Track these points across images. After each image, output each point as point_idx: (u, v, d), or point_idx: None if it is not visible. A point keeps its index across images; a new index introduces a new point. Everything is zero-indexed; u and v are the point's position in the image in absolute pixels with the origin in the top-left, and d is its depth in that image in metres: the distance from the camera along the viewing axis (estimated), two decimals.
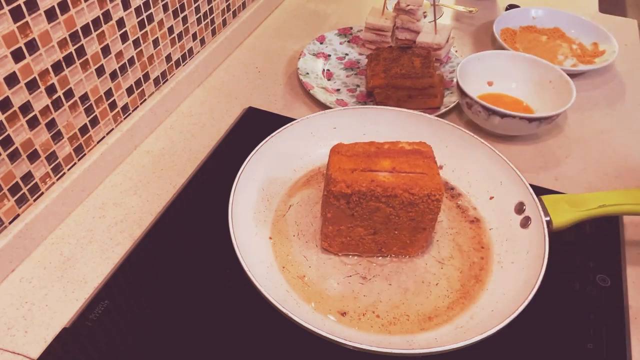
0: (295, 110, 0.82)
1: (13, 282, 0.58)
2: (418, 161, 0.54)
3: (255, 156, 0.62)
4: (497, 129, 0.74)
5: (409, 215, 0.53)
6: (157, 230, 0.63)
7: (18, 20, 0.51)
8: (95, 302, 0.55)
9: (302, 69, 0.86)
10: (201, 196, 0.67)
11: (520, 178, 0.60)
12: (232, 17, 0.92)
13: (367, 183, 0.51)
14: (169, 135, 0.77)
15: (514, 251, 0.56)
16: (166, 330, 0.54)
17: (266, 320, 0.52)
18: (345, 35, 0.95)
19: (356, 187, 0.51)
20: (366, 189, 0.51)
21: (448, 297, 0.54)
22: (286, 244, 0.59)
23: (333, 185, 0.51)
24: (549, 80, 0.78)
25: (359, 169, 0.52)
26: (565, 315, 0.55)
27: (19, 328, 0.54)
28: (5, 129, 0.54)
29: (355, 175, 0.52)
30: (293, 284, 0.55)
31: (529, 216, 0.57)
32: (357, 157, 0.54)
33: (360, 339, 0.49)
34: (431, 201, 0.52)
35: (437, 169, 0.54)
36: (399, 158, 0.54)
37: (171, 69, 0.79)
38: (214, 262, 0.60)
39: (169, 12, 0.74)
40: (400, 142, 0.57)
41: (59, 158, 0.62)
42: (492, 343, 0.47)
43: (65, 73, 0.59)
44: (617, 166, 0.74)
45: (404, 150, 0.55)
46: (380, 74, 0.78)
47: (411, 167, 0.53)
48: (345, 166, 0.52)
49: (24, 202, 0.59)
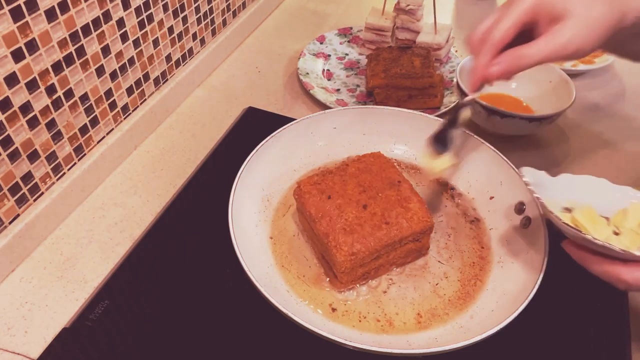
0: (295, 110, 0.82)
1: (13, 282, 0.58)
2: (386, 191, 0.56)
3: (255, 156, 0.62)
4: (497, 129, 0.74)
5: (408, 247, 0.55)
6: (157, 230, 0.63)
7: (18, 20, 0.51)
8: (95, 302, 0.55)
9: (302, 69, 0.86)
10: (201, 196, 0.67)
11: (520, 178, 0.60)
12: (232, 17, 0.92)
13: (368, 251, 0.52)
14: (169, 135, 0.77)
15: (514, 251, 0.56)
16: (166, 330, 0.54)
17: (266, 320, 0.52)
18: (345, 35, 0.95)
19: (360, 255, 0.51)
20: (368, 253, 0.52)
21: (448, 297, 0.54)
22: (286, 244, 0.59)
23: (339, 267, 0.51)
24: (549, 80, 0.78)
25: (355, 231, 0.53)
26: (565, 315, 0.55)
27: (19, 328, 0.54)
28: (5, 129, 0.54)
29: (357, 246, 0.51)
30: (293, 284, 0.55)
31: (529, 216, 0.57)
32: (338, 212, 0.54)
33: (360, 339, 0.49)
34: (426, 230, 0.55)
35: (407, 184, 0.56)
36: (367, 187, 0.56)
37: (171, 69, 0.79)
38: (214, 262, 0.60)
39: (169, 12, 0.74)
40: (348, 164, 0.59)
41: (59, 158, 0.62)
42: (492, 343, 0.47)
43: (65, 73, 0.59)
44: (617, 166, 0.74)
45: (361, 170, 0.58)
46: (380, 74, 0.78)
47: (385, 201, 0.55)
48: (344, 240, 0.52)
49: (24, 202, 0.59)
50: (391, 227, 0.52)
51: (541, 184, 0.51)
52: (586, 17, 0.48)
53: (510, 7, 0.50)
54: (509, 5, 0.51)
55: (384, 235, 0.52)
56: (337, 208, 0.54)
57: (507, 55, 0.50)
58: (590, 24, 0.48)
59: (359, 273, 0.53)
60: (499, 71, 0.50)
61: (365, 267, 0.53)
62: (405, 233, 0.53)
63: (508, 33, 0.50)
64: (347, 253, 0.50)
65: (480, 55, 0.51)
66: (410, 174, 0.67)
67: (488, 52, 0.50)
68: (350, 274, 0.52)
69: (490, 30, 0.50)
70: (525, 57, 0.49)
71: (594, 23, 0.48)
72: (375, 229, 0.52)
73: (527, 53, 0.49)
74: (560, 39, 0.48)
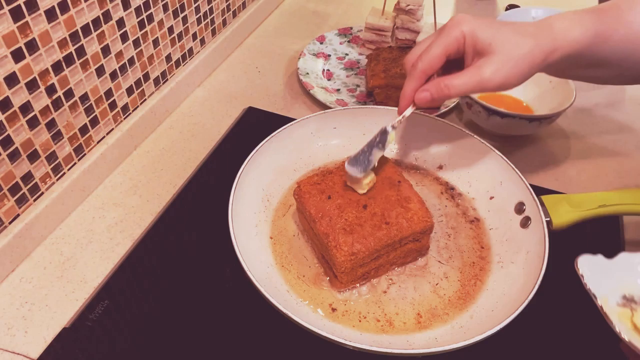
0: (295, 110, 0.82)
1: (13, 282, 0.58)
2: (386, 191, 0.55)
3: (255, 156, 0.62)
4: (497, 129, 0.74)
5: (408, 247, 0.55)
6: (157, 230, 0.63)
7: (18, 20, 0.51)
8: (95, 302, 0.55)
9: (302, 69, 0.86)
10: (201, 196, 0.67)
11: (520, 178, 0.60)
12: (232, 17, 0.92)
13: (368, 250, 0.52)
14: (169, 135, 0.77)
15: (514, 251, 0.56)
16: (166, 330, 0.54)
17: (266, 320, 0.52)
18: (345, 35, 0.95)
19: (360, 255, 0.51)
20: (368, 253, 0.52)
21: (448, 297, 0.54)
22: (286, 244, 0.59)
23: (339, 267, 0.51)
24: (549, 80, 0.78)
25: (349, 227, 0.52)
26: (565, 315, 0.55)
27: (19, 328, 0.54)
28: (5, 129, 0.54)
29: (357, 246, 0.51)
30: (293, 284, 0.55)
31: (529, 216, 0.57)
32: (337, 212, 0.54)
33: (360, 339, 0.49)
34: (426, 230, 0.54)
35: (407, 184, 0.56)
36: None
37: (171, 69, 0.79)
38: (214, 262, 0.60)
39: (169, 12, 0.74)
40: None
41: (59, 158, 0.62)
42: (492, 343, 0.47)
43: (65, 73, 0.59)
44: (617, 166, 0.74)
45: None
46: (380, 74, 0.78)
47: (385, 201, 0.54)
48: (344, 240, 0.52)
49: (24, 202, 0.59)
50: (391, 227, 0.52)
51: (599, 271, 0.48)
52: (510, 54, 0.49)
53: (441, 34, 0.51)
54: (440, 32, 0.51)
55: (384, 235, 0.52)
56: (337, 208, 0.54)
57: (433, 85, 0.51)
58: (515, 60, 0.49)
59: (359, 273, 0.53)
60: (425, 98, 0.52)
61: (365, 267, 0.53)
62: (406, 233, 0.53)
63: (435, 61, 0.51)
64: (347, 253, 0.50)
65: (408, 80, 0.53)
66: (410, 174, 0.67)
67: (416, 78, 0.52)
68: (350, 274, 0.52)
69: (421, 56, 0.52)
70: (449, 88, 0.50)
71: (518, 60, 0.49)
72: (375, 229, 0.52)
73: (452, 84, 0.50)
74: (483, 74, 0.49)
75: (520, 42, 0.49)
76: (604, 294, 0.47)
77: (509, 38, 0.49)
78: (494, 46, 0.49)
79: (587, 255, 0.49)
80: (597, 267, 0.48)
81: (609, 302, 0.47)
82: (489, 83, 0.49)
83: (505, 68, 0.48)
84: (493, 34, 0.49)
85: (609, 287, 0.48)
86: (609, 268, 0.49)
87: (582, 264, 0.48)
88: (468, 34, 0.50)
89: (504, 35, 0.49)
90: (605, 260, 0.49)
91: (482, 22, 0.50)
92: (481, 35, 0.49)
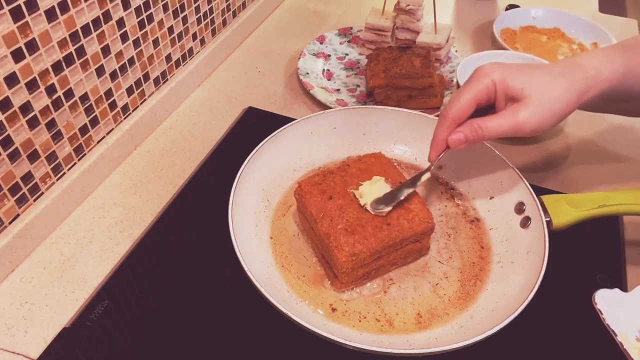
0: (295, 110, 0.82)
1: (13, 282, 0.58)
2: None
3: (255, 156, 0.62)
4: None
5: (408, 247, 0.55)
6: (157, 230, 0.63)
7: (18, 20, 0.51)
8: (95, 302, 0.55)
9: (302, 69, 0.86)
10: (201, 196, 0.67)
11: (520, 178, 0.60)
12: (232, 17, 0.92)
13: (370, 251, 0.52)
14: (169, 135, 0.77)
15: (514, 251, 0.56)
16: (166, 330, 0.54)
17: (266, 320, 0.52)
18: (345, 35, 0.95)
19: (361, 256, 0.51)
20: (370, 254, 0.52)
21: (448, 297, 0.54)
22: (286, 244, 0.59)
23: (340, 267, 0.51)
24: None
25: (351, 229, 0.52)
26: (565, 315, 0.55)
27: (19, 328, 0.54)
28: (5, 129, 0.54)
29: (358, 246, 0.51)
30: (293, 284, 0.55)
31: (529, 216, 0.57)
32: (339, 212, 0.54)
33: (360, 339, 0.49)
34: (427, 231, 0.54)
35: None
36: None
37: (171, 69, 0.79)
38: (214, 262, 0.60)
39: (169, 12, 0.74)
40: (349, 164, 0.59)
41: (59, 158, 0.62)
42: (492, 343, 0.47)
43: (65, 73, 0.59)
44: (617, 166, 0.74)
45: (362, 170, 0.58)
46: (380, 74, 0.78)
47: None
48: (345, 240, 0.51)
49: (24, 202, 0.59)
50: (392, 228, 0.52)
51: (616, 305, 0.48)
52: (544, 96, 0.49)
53: (471, 83, 0.51)
54: (470, 81, 0.51)
55: (385, 236, 0.52)
56: (338, 208, 0.54)
57: (467, 126, 0.51)
58: (550, 103, 0.49)
59: (359, 273, 0.53)
60: (459, 139, 0.52)
61: (365, 267, 0.53)
62: (407, 234, 0.53)
63: (465, 109, 0.51)
64: (349, 253, 0.50)
65: (439, 127, 0.53)
66: (411, 174, 0.67)
67: (447, 126, 0.52)
68: (350, 275, 0.52)
69: (451, 104, 0.52)
70: (484, 130, 0.50)
71: (553, 102, 0.49)
72: (376, 230, 0.52)
73: (486, 126, 0.50)
74: (519, 117, 0.49)
75: (553, 84, 0.49)
76: (622, 329, 0.47)
77: (542, 81, 0.49)
78: (527, 91, 0.49)
79: (604, 290, 0.49)
80: (614, 302, 0.49)
81: (628, 338, 0.47)
82: (525, 126, 0.49)
83: (541, 111, 0.48)
84: (525, 79, 0.49)
85: (626, 321, 0.48)
86: (625, 302, 0.49)
87: (600, 299, 0.48)
88: (499, 82, 0.50)
89: (536, 79, 0.49)
90: (621, 294, 0.49)
91: (513, 68, 0.50)
92: (512, 82, 0.49)
